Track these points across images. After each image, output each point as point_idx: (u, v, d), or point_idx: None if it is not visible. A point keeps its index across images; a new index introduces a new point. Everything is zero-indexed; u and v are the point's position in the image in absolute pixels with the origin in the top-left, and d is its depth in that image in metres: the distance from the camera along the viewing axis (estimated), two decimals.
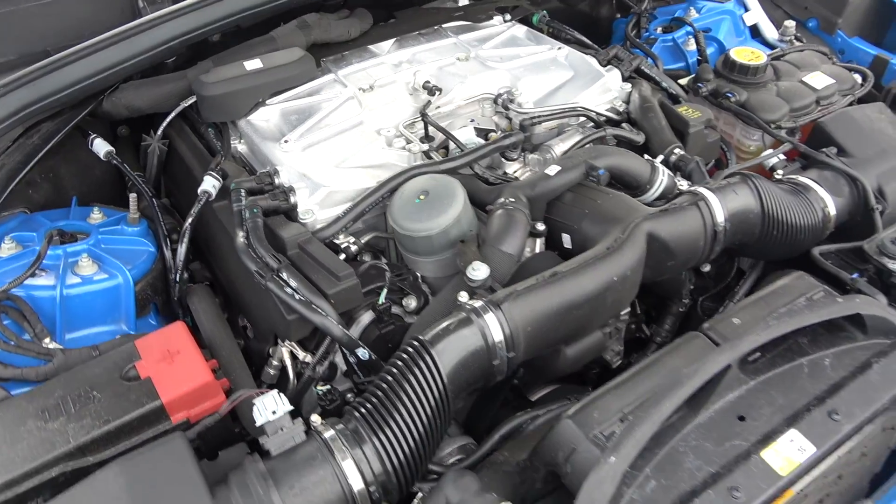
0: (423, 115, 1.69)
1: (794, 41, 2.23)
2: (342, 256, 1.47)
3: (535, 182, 1.54)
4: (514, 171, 1.72)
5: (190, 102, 1.73)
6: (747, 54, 1.96)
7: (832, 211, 1.65)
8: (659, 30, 2.24)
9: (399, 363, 1.21)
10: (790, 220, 1.57)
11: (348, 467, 1.14)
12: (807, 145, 1.82)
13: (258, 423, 1.18)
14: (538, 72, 1.89)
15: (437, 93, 1.78)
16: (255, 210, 1.43)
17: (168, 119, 1.76)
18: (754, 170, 1.84)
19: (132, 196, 1.57)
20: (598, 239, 1.46)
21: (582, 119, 1.79)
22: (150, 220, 1.62)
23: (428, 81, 1.80)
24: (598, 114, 1.79)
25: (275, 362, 1.45)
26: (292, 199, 1.49)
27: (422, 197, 1.45)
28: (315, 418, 1.22)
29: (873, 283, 1.55)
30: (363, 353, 1.36)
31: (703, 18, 2.26)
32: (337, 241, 1.48)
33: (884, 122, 1.87)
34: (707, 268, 1.78)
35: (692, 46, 2.19)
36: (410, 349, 1.22)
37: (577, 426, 1.17)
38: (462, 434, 1.40)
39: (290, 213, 1.50)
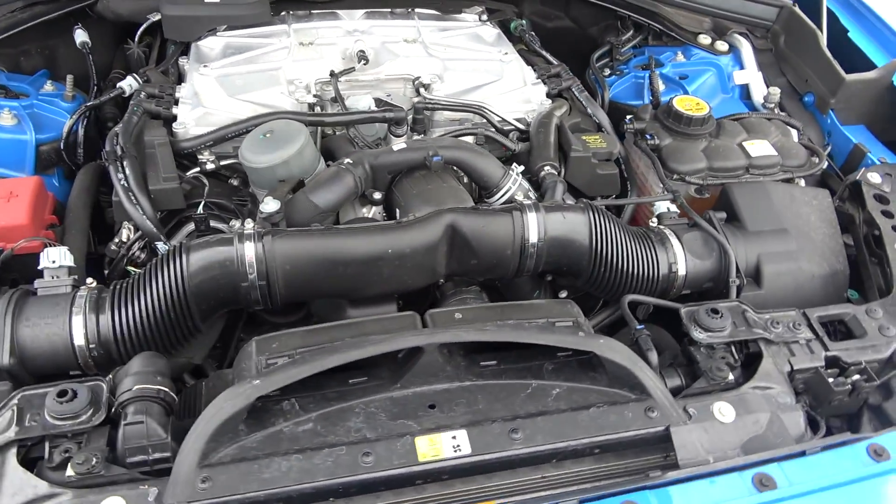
0: (332, 74, 1.84)
1: (777, 110, 2.10)
2: (195, 170, 1.67)
3: (379, 153, 1.64)
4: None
5: (156, 18, 2.01)
6: (689, 104, 1.91)
7: (681, 270, 1.60)
8: (638, 67, 2.20)
9: (160, 258, 1.39)
10: (622, 264, 1.55)
11: (76, 323, 1.34)
12: (711, 208, 1.75)
13: (39, 267, 1.41)
14: (470, 69, 1.96)
15: (364, 62, 1.92)
16: (136, 108, 1.67)
17: (142, 27, 2.05)
18: (645, 214, 1.82)
19: (69, 77, 1.87)
20: None
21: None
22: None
23: (363, 51, 1.95)
24: (502, 119, 1.84)
25: (116, 239, 1.68)
26: (174, 111, 1.71)
27: (267, 135, 1.61)
28: (90, 280, 1.44)
29: (684, 349, 1.49)
30: (162, 246, 1.55)
31: (687, 66, 2.19)
32: (200, 157, 1.69)
33: (809, 207, 1.74)
34: (564, 293, 1.77)
35: (661, 87, 2.13)
36: (172, 249, 1.39)
37: (256, 348, 1.29)
38: None
39: (169, 122, 1.72)
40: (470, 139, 1.79)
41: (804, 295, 1.63)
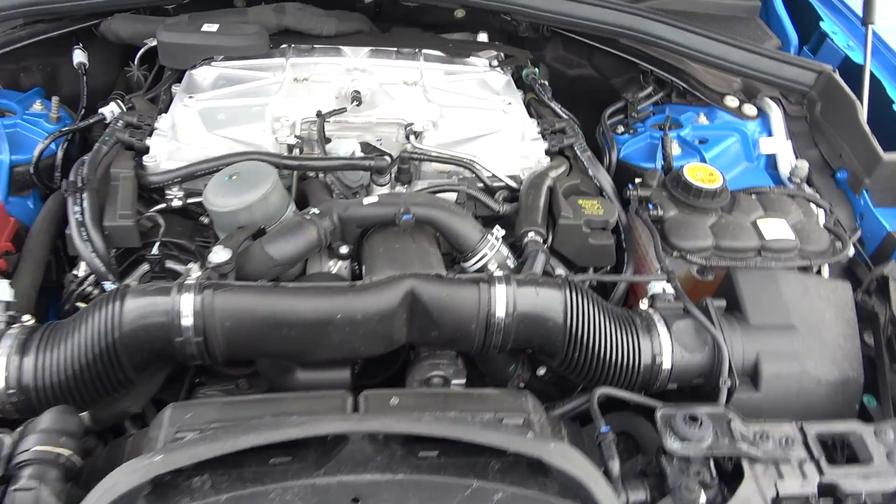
0: (318, 115, 1.75)
1: (805, 186, 1.92)
2: (160, 206, 1.60)
3: (349, 205, 1.53)
4: None
5: (153, 44, 1.96)
6: (702, 173, 1.75)
7: (666, 363, 1.43)
8: (655, 126, 2.05)
9: (94, 301, 1.31)
10: (599, 350, 1.40)
11: None
12: (713, 294, 1.59)
13: None
14: (467, 118, 1.85)
15: (357, 103, 1.83)
16: (107, 138, 1.61)
17: (140, 52, 2.01)
18: (640, 292, 1.67)
19: (54, 98, 1.83)
20: None
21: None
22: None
23: (357, 91, 1.86)
24: (493, 175, 1.72)
25: (73, 272, 1.62)
26: (147, 142, 1.65)
27: (233, 177, 1.53)
28: (26, 318, 1.37)
29: (658, 458, 1.32)
30: (110, 286, 1.47)
31: (709, 129, 2.02)
32: (168, 193, 1.62)
33: (824, 301, 1.56)
34: (542, 370, 1.63)
35: (676, 150, 1.97)
36: (108, 294, 1.31)
37: (170, 417, 1.19)
38: None
39: (141, 153, 1.65)
40: (453, 196, 1.66)
41: (807, 403, 1.45)
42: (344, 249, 1.54)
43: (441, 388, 1.42)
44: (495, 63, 2.10)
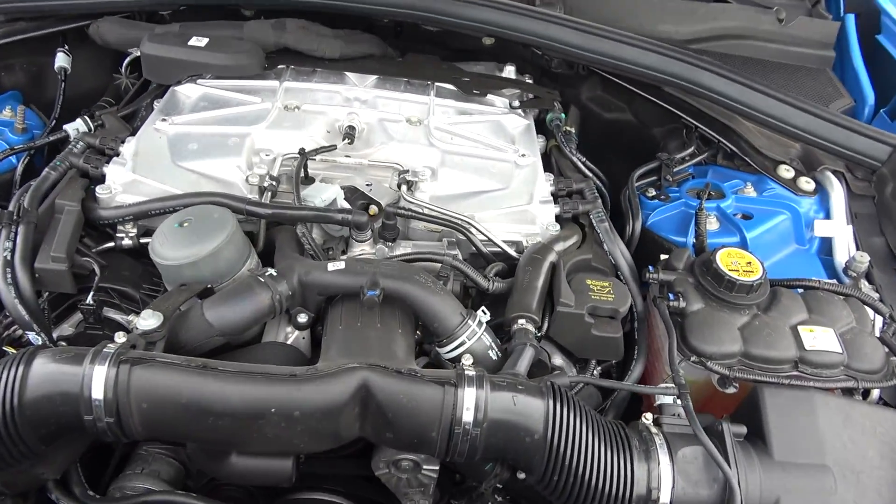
0: (301, 153, 1.55)
1: (863, 282, 1.62)
2: (108, 245, 1.42)
3: (312, 269, 1.32)
4: (356, 255, 1.50)
5: (137, 54, 1.79)
6: (738, 261, 1.47)
7: (664, 497, 1.18)
8: (692, 192, 1.77)
9: (2, 361, 1.14)
10: (585, 474, 1.16)
11: None
12: (733, 412, 1.33)
13: None
14: (472, 169, 1.62)
15: (349, 141, 1.62)
16: (59, 163, 1.44)
17: (126, 60, 1.84)
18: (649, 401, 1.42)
19: (20, 107, 1.67)
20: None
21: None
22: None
23: (352, 127, 1.65)
24: (489, 240, 1.48)
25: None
26: (104, 170, 1.47)
27: (184, 224, 1.33)
28: None
29: None
30: (34, 337, 1.29)
31: (756, 202, 1.74)
32: (119, 231, 1.44)
33: (869, 435, 1.28)
34: (522, 475, 1.39)
35: (714, 225, 1.70)
36: (15, 355, 1.14)
37: None
38: None
39: (96, 183, 1.47)
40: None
41: None
42: (302, 318, 1.33)
43: None
44: (516, 103, 1.85)
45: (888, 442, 1.28)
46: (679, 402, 1.31)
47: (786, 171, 1.80)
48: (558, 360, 1.48)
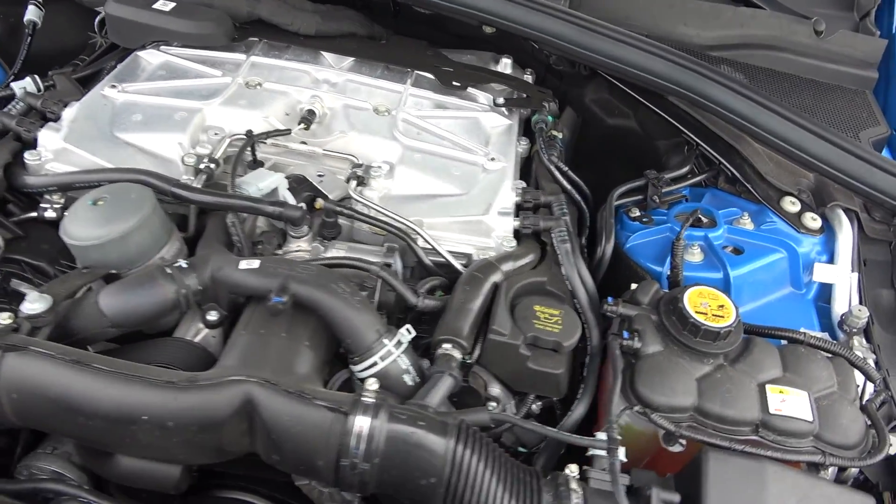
0: (248, 134, 1.44)
1: (860, 340, 1.43)
2: (33, 214, 1.35)
3: (224, 264, 1.22)
4: (291, 251, 1.39)
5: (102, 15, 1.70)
6: (708, 302, 1.31)
7: None
8: (680, 217, 1.59)
9: None
10: None
11: None
12: (678, 474, 1.18)
13: None
14: (432, 169, 1.48)
15: (304, 126, 1.50)
16: None
17: (98, 19, 1.77)
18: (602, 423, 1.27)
19: None
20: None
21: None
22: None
23: (312, 111, 1.53)
24: (434, 249, 1.35)
25: None
26: (37, 134, 1.39)
27: (99, 202, 1.24)
28: None
29: None
30: None
31: (751, 236, 1.55)
32: (43, 201, 1.36)
33: None
34: None
35: (696, 257, 1.52)
36: None
37: None
38: None
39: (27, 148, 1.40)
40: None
41: None
42: (212, 316, 1.23)
43: None
44: (501, 101, 1.70)
45: None
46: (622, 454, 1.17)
47: (791, 205, 1.60)
48: (496, 389, 1.34)
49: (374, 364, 1.17)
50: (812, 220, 1.58)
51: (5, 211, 1.37)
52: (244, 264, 1.20)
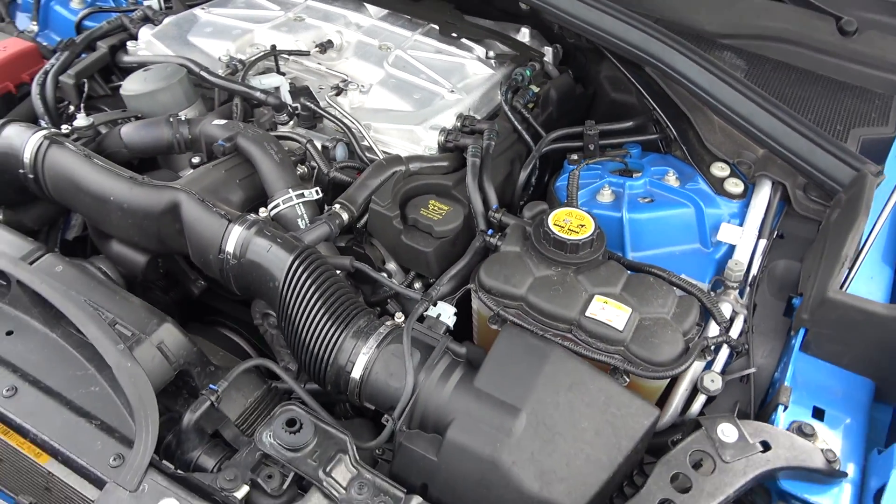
0: (273, 50, 1.90)
1: (731, 295, 1.46)
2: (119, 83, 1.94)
3: (202, 120, 1.67)
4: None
5: None
6: (570, 220, 1.47)
7: (355, 374, 1.33)
8: (615, 172, 1.72)
9: None
10: (300, 329, 1.35)
11: None
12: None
13: None
14: (400, 90, 1.82)
15: (320, 51, 1.94)
16: (116, 19, 2.00)
17: None
18: None
19: None
20: None
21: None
22: None
23: (330, 41, 1.96)
24: (371, 147, 1.69)
25: None
26: (135, 30, 1.99)
27: (147, 71, 1.78)
28: None
29: None
30: (42, 125, 1.85)
31: (668, 190, 1.63)
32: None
33: (598, 413, 1.24)
34: None
35: (606, 197, 1.65)
36: None
37: None
38: None
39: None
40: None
41: (486, 499, 1.21)
42: (195, 160, 1.69)
43: None
44: (491, 54, 1.97)
45: (615, 426, 1.24)
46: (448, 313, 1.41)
47: (720, 170, 1.67)
48: (391, 265, 1.64)
49: (277, 206, 1.54)
50: (734, 186, 1.64)
51: (108, 80, 1.98)
52: (216, 122, 1.65)
